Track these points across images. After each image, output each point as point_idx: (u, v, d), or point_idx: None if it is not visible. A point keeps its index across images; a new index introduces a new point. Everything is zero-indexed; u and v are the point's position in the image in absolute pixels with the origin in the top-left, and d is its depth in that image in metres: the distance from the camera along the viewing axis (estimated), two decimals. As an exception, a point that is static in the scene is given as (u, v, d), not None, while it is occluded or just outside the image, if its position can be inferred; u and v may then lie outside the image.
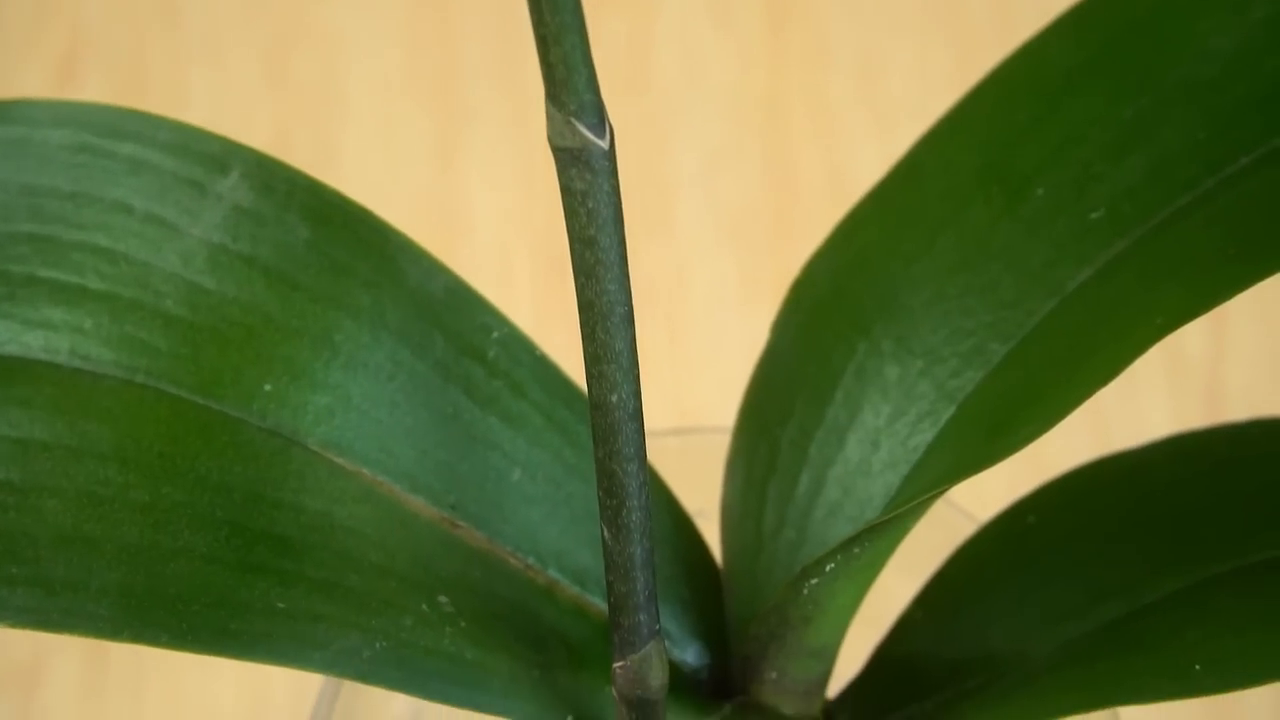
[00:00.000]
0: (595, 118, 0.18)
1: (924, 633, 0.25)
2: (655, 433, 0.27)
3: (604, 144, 0.18)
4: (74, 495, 0.21)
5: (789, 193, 0.52)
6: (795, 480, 0.24)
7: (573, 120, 0.18)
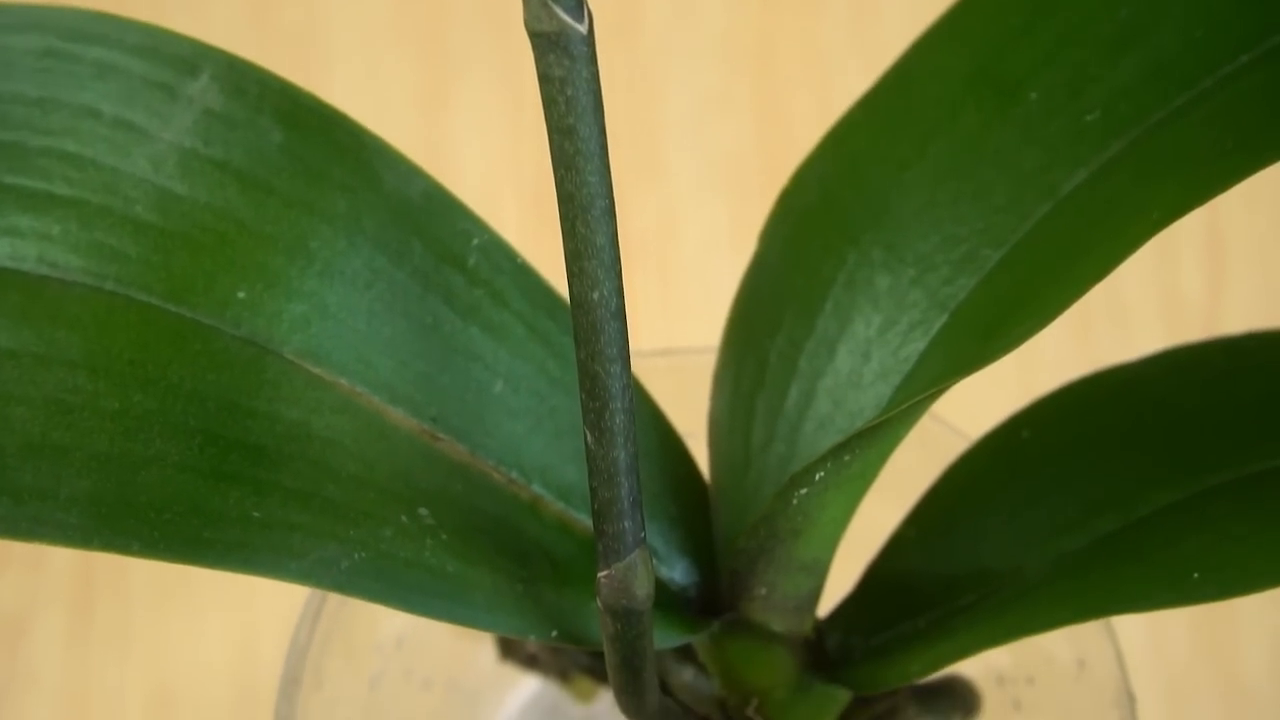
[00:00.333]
0: (573, 0, 0.17)
1: (916, 550, 0.25)
2: (642, 353, 0.26)
3: (582, 28, 0.17)
4: (42, 403, 0.20)
5: (780, 138, 0.51)
6: (784, 393, 0.24)
7: (550, 3, 0.17)
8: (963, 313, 0.23)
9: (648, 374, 0.26)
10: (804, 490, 0.21)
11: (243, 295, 0.22)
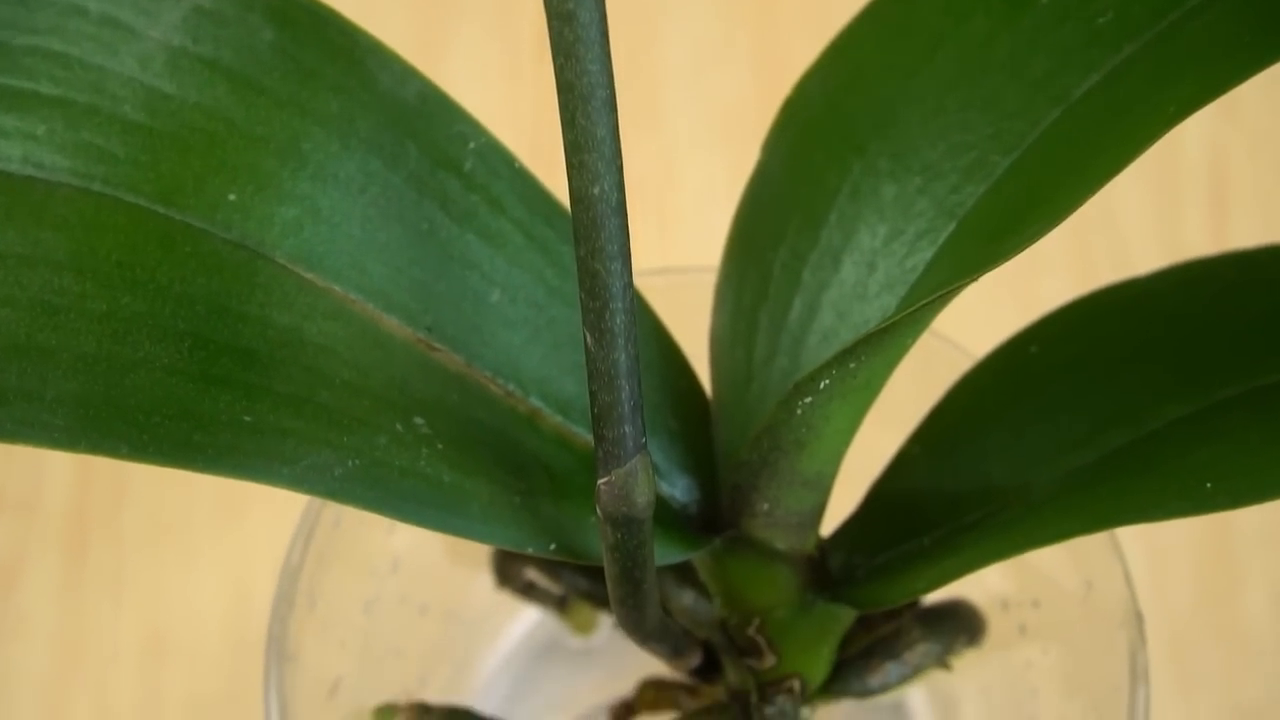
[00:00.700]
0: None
1: (921, 468, 0.24)
2: (642, 272, 0.26)
3: (583, -95, 0.17)
4: (27, 304, 0.20)
5: (779, 87, 0.50)
6: (788, 306, 0.23)
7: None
8: (970, 221, 0.22)
9: (647, 292, 0.25)
10: (808, 399, 0.21)
11: (233, 198, 0.21)
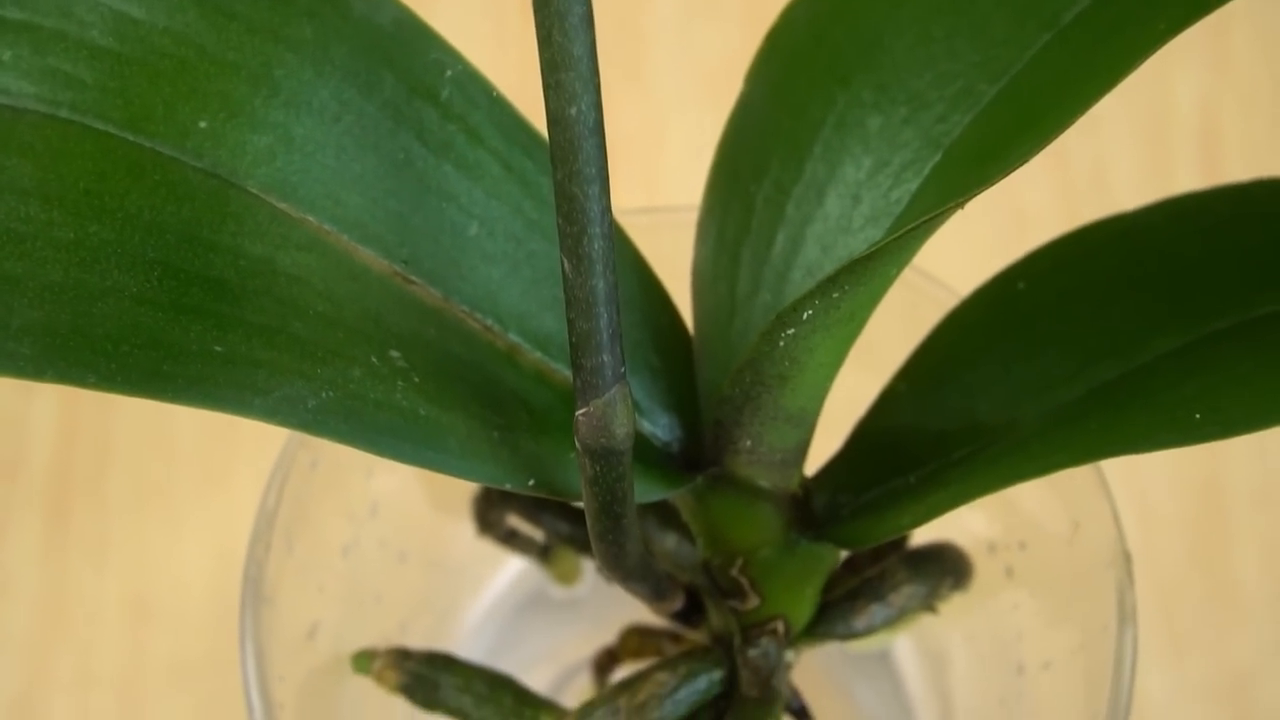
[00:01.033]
0: None
1: (908, 406, 0.24)
2: (625, 211, 0.25)
3: None
4: (-8, 232, 0.19)
5: (768, 44, 0.50)
6: (771, 240, 0.23)
7: None
8: (956, 150, 0.22)
9: (630, 231, 0.25)
10: (791, 331, 0.20)
11: (204, 125, 0.21)
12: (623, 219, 0.25)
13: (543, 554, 0.31)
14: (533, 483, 0.21)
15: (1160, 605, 0.40)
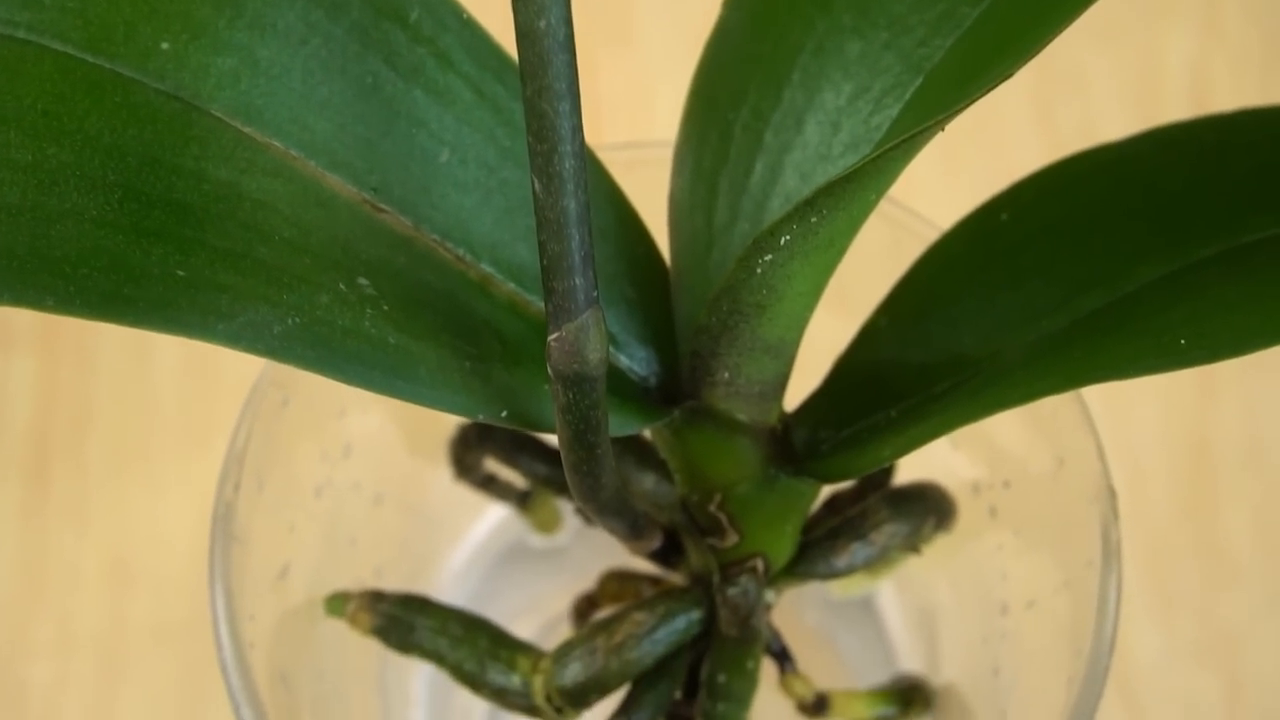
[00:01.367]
0: None
1: (889, 340, 0.23)
2: (602, 146, 0.25)
3: None
4: (-54, 153, 0.19)
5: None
6: (749, 168, 0.23)
7: None
8: (938, 74, 0.21)
9: (609, 168, 0.24)
10: (768, 257, 0.20)
11: (166, 46, 0.20)
12: (601, 154, 0.24)
13: (522, 500, 0.31)
14: (506, 414, 0.21)
15: (1150, 566, 0.40)
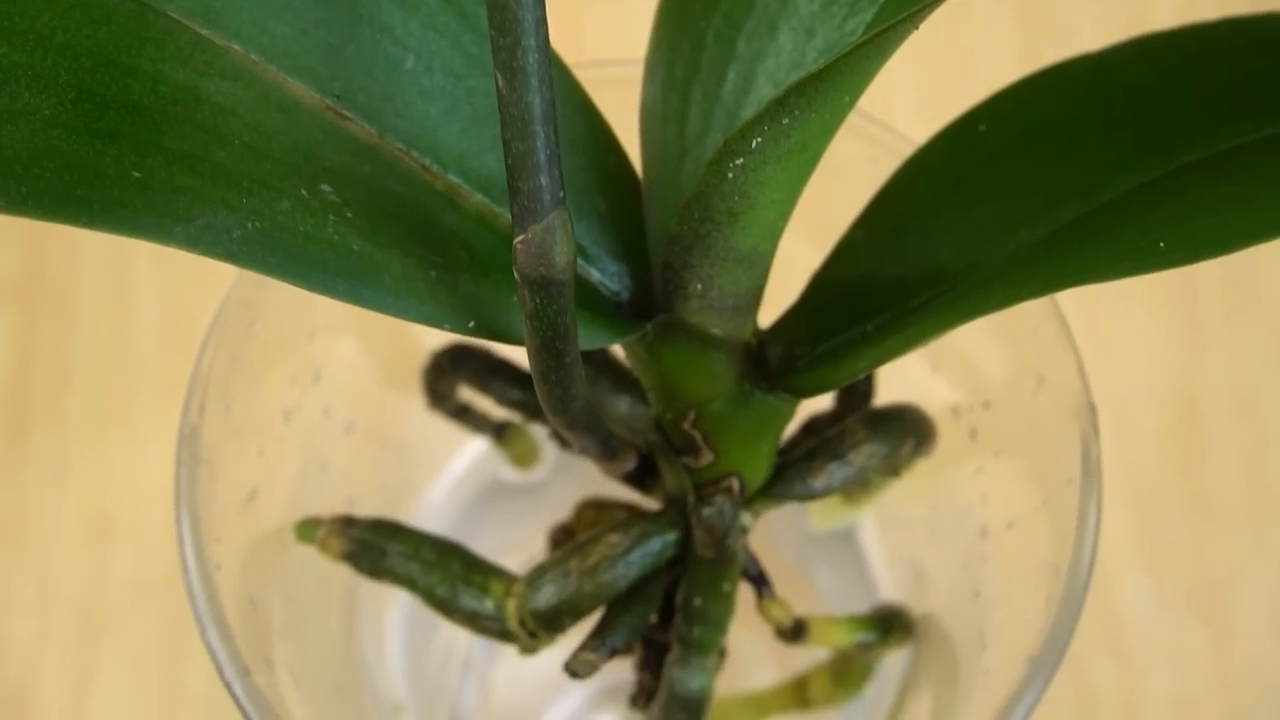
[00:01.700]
0: None
1: (866, 254, 0.23)
2: (574, 64, 0.24)
3: None
4: (-108, 52, 0.18)
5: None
6: (722, 78, 0.22)
7: None
8: (914, -26, 0.21)
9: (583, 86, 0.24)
10: (740, 161, 0.20)
11: (121, -55, 0.20)
12: (575, 74, 0.24)
13: (498, 433, 0.30)
14: (473, 325, 0.21)
15: (1138, 515, 0.40)
